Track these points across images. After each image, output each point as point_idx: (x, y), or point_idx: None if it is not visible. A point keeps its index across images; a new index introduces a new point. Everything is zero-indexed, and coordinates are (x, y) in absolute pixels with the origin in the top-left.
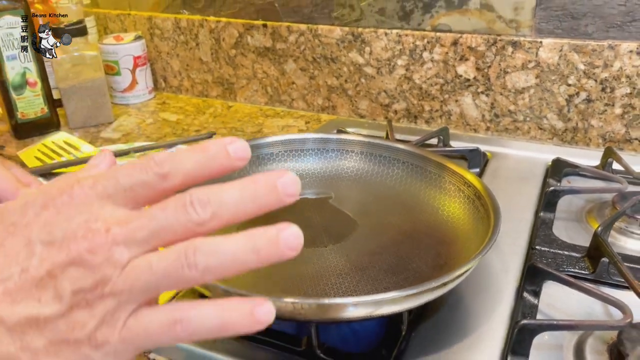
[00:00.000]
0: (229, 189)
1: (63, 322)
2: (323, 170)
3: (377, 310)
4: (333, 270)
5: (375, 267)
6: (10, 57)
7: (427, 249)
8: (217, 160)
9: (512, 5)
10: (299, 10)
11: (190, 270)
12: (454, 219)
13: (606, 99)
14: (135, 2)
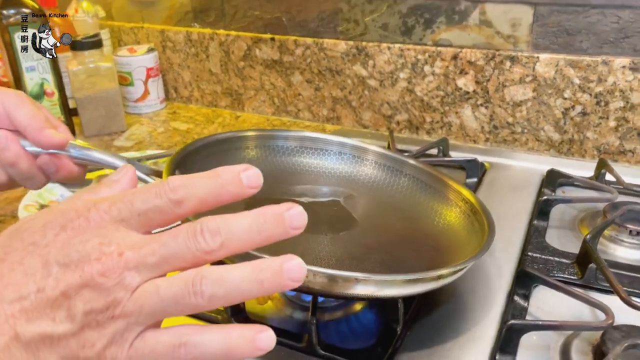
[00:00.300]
0: (239, 219)
1: (74, 341)
2: (339, 171)
3: (379, 291)
4: (330, 256)
5: (371, 260)
6: (29, 69)
7: (421, 253)
8: (230, 187)
9: (509, 22)
10: (305, 24)
11: (196, 297)
12: (450, 230)
13: (601, 112)
14: (149, 15)
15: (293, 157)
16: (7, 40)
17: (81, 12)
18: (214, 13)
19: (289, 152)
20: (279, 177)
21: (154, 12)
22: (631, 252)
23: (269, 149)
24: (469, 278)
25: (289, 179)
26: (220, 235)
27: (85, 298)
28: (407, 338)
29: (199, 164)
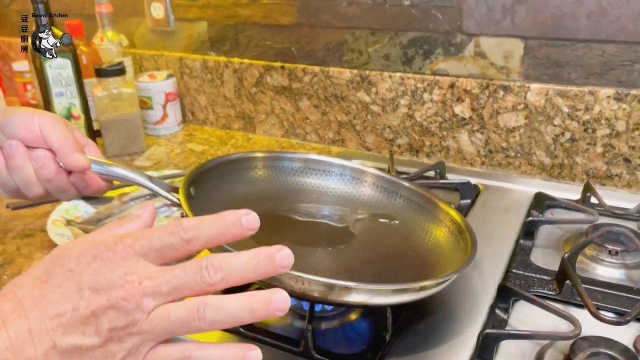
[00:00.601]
0: (237, 258)
1: (99, 352)
2: (339, 191)
3: (370, 299)
4: (325, 268)
5: (363, 273)
6: (58, 94)
7: (410, 267)
8: (232, 229)
9: (502, 54)
10: (313, 54)
11: (199, 322)
12: (438, 247)
13: (588, 139)
14: (168, 44)
15: (297, 177)
16: (38, 67)
17: (106, 41)
18: (228, 42)
19: (294, 172)
20: (284, 195)
21: (173, 41)
22: (610, 270)
23: (276, 169)
24: (456, 291)
25: (293, 197)
26: (222, 271)
27: (110, 317)
28: (395, 345)
29: (212, 182)
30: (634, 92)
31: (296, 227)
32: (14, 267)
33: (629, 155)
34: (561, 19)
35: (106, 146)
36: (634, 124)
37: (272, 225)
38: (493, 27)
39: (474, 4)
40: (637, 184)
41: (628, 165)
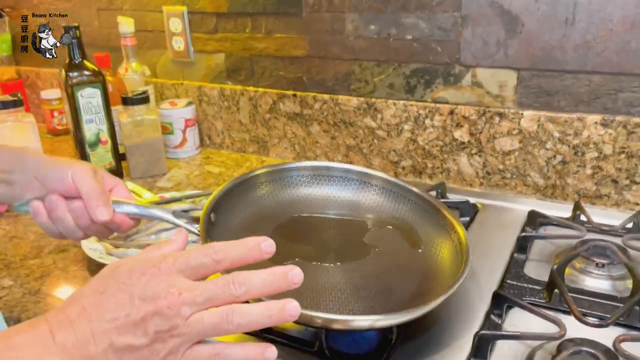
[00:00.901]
0: (258, 275)
1: (147, 350)
2: (345, 196)
3: (374, 324)
4: (334, 286)
5: (367, 289)
6: (88, 121)
7: (412, 280)
8: (253, 253)
9: (497, 84)
10: (323, 83)
11: (228, 325)
12: (439, 258)
13: (578, 162)
14: (188, 74)
15: (301, 188)
16: (70, 96)
17: (130, 71)
18: (244, 72)
19: (297, 183)
20: (292, 207)
21: (193, 71)
22: (597, 281)
23: (278, 183)
24: (455, 299)
25: (301, 208)
26: (245, 285)
27: (155, 322)
28: (400, 346)
29: (227, 205)
30: (619, 119)
31: (306, 241)
32: (52, 279)
33: (616, 176)
34: (550, 52)
35: (130, 168)
36: (619, 147)
37: (285, 239)
38: (488, 59)
39: (471, 38)
40: (625, 203)
41: (615, 185)
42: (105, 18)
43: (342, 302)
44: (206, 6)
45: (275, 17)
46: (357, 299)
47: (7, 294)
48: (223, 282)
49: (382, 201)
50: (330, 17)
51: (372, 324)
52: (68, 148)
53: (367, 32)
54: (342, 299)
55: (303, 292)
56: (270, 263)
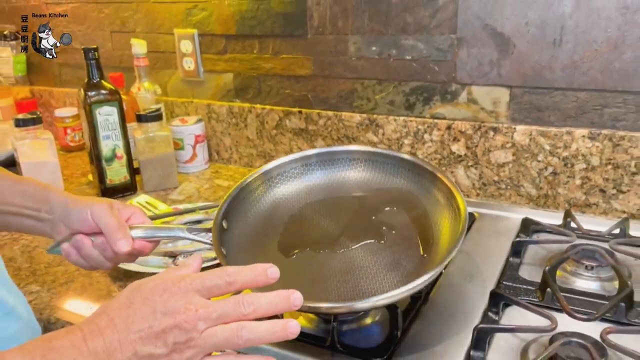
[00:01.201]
0: (264, 297)
1: (166, 358)
2: (344, 178)
3: (377, 302)
4: (344, 269)
5: (375, 266)
6: (105, 137)
7: (415, 249)
8: (260, 278)
9: (491, 101)
10: (327, 100)
11: (238, 339)
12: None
13: (568, 172)
14: (197, 92)
15: (301, 179)
16: (89, 113)
17: (143, 90)
18: (252, 91)
19: (296, 175)
20: (298, 200)
21: (202, 90)
22: (587, 283)
23: (271, 182)
24: (456, 299)
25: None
26: (253, 305)
27: (175, 334)
28: (405, 341)
29: (233, 212)
30: (604, 132)
31: (314, 231)
32: (77, 284)
33: (603, 186)
34: (540, 71)
35: (144, 182)
36: (606, 159)
37: (294, 232)
38: (482, 78)
39: (466, 59)
40: (613, 211)
41: (603, 195)
42: (118, 40)
43: (354, 284)
44: (216, 29)
45: (282, 38)
46: (367, 277)
47: (35, 298)
48: (234, 302)
49: (379, 175)
50: (334, 39)
51: (374, 304)
52: (81, 163)
53: (368, 53)
54: (353, 281)
55: (315, 280)
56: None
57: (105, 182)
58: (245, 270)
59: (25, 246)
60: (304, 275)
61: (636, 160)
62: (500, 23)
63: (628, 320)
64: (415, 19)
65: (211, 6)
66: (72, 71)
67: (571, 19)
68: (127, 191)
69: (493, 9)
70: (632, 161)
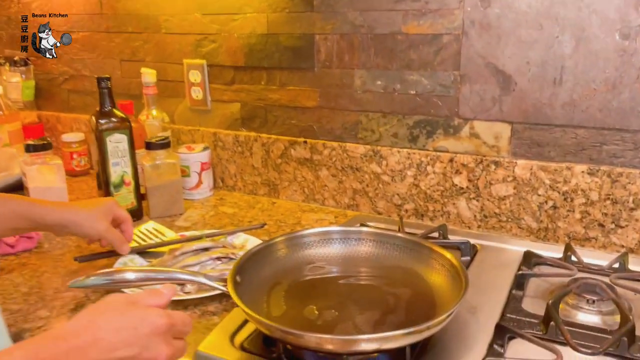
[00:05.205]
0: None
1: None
2: (344, 254)
3: (383, 345)
4: (354, 327)
5: (385, 325)
6: (114, 164)
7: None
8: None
9: (493, 135)
10: (332, 131)
11: None
12: (440, 290)
13: (568, 207)
14: (204, 121)
15: (311, 249)
16: (100, 139)
17: (151, 118)
18: (258, 120)
19: (306, 246)
20: (303, 266)
21: (209, 118)
22: (588, 316)
23: (295, 246)
24: (460, 332)
25: (307, 266)
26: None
27: None
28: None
29: (251, 268)
30: (603, 168)
31: (323, 292)
32: None
33: (602, 221)
34: (540, 108)
35: (150, 208)
36: (605, 194)
37: (303, 292)
38: (484, 113)
39: (469, 95)
40: (611, 245)
41: (602, 229)
42: (127, 68)
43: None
44: (225, 60)
45: (289, 71)
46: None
47: (45, 324)
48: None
49: (376, 251)
50: (340, 73)
51: (380, 345)
52: (87, 188)
53: (374, 86)
54: (361, 334)
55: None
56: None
57: None
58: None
59: (34, 271)
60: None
61: (634, 196)
62: (502, 62)
63: (630, 354)
64: (419, 55)
65: (220, 38)
66: (79, 97)
67: (571, 59)
68: (134, 217)
69: (495, 48)
70: (630, 197)
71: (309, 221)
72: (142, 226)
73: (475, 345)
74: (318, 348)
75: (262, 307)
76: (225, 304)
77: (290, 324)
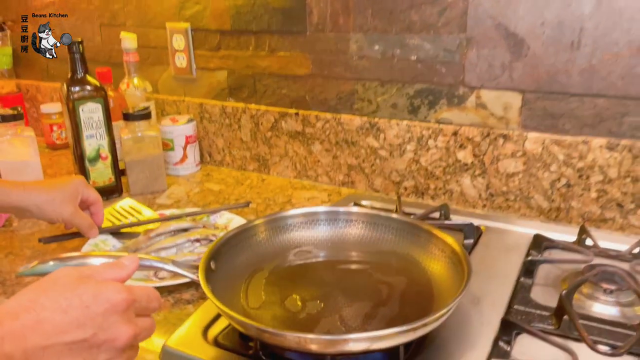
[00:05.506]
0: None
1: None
2: (333, 237)
3: (373, 345)
4: (340, 321)
5: (376, 319)
6: (89, 136)
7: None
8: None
9: (502, 106)
10: (326, 102)
11: None
12: (439, 278)
13: (583, 185)
14: (189, 90)
15: (295, 232)
16: (72, 111)
17: (132, 87)
18: (246, 90)
19: (290, 228)
20: (286, 250)
21: (195, 88)
22: (606, 307)
23: (275, 229)
24: (462, 325)
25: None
26: None
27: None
28: None
29: (228, 254)
30: (624, 142)
31: (305, 281)
32: None
33: (621, 200)
34: (555, 75)
35: (130, 184)
36: (625, 171)
37: (286, 280)
38: (493, 82)
39: (476, 61)
40: (630, 227)
41: (620, 209)
42: (107, 34)
43: (349, 332)
44: (210, 23)
45: (279, 35)
46: (363, 329)
47: None
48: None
49: (368, 234)
50: (334, 37)
51: (369, 345)
52: (67, 162)
53: (371, 52)
54: (349, 329)
55: (312, 329)
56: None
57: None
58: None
59: None
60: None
61: None
62: (513, 22)
63: None
64: (421, 16)
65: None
66: (59, 65)
67: (591, 20)
68: (112, 194)
69: (506, 8)
70: None
71: (300, 199)
72: (117, 203)
73: (478, 341)
74: (299, 348)
75: (239, 298)
76: (202, 292)
77: (268, 317)
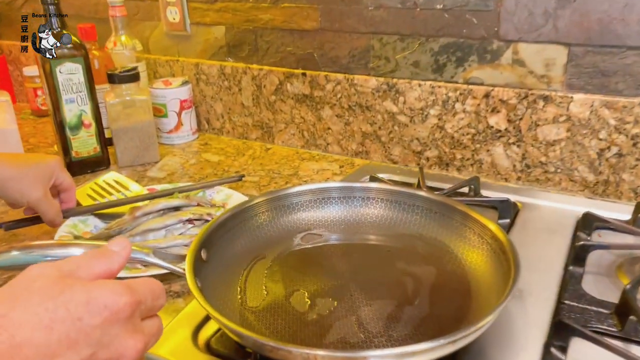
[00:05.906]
0: None
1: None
2: (347, 218)
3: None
4: (357, 321)
5: (401, 322)
6: (68, 101)
7: (449, 301)
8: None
9: (543, 62)
10: (337, 60)
11: None
12: (477, 271)
13: (637, 154)
14: (184, 49)
15: (303, 213)
16: (48, 72)
17: (119, 45)
18: (247, 48)
19: (296, 208)
20: (291, 236)
21: (189, 46)
22: None
23: (277, 210)
24: (505, 325)
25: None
26: None
27: None
28: None
29: (222, 240)
30: None
31: (315, 272)
32: None
33: None
34: (609, 24)
35: (118, 155)
36: None
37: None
38: (533, 33)
39: (514, 8)
40: None
41: None
42: None
43: (369, 339)
44: None
45: None
46: (394, 340)
47: None
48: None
49: (389, 215)
50: None
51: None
52: (51, 131)
53: (389, 0)
54: (369, 337)
55: (324, 336)
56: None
57: (70, 154)
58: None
59: None
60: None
61: None
62: None
63: None
64: None
65: None
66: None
67: None
68: (98, 166)
69: None
70: None
71: (308, 172)
72: (100, 178)
73: (525, 347)
74: None
75: (235, 295)
76: None
77: (270, 320)
